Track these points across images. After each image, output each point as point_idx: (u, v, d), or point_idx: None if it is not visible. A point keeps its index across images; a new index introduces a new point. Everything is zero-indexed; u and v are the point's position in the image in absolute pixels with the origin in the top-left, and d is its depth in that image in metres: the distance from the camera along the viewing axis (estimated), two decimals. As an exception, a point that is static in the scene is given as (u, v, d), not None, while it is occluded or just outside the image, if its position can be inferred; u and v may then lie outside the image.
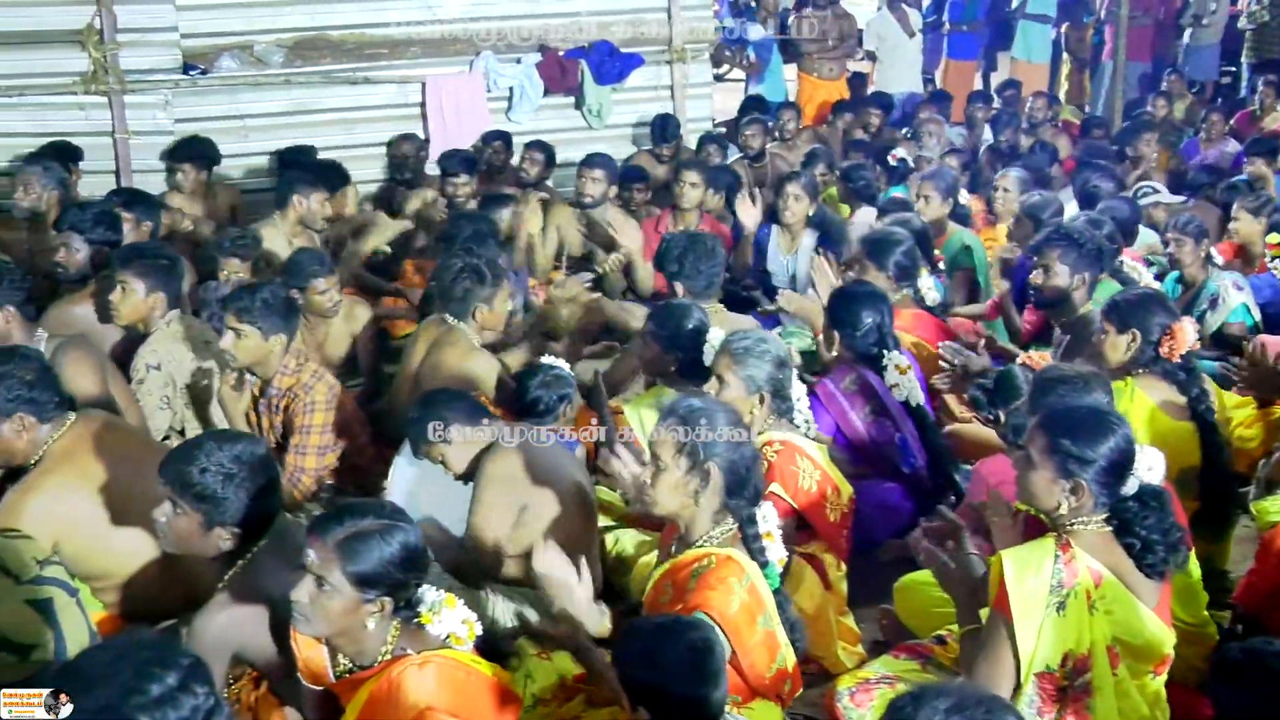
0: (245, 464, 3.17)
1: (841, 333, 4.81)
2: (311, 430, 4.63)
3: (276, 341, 4.58)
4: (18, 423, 3.66)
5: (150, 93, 8.13)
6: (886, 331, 4.80)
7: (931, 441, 4.73)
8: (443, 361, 4.88)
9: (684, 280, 5.35)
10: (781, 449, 4.02)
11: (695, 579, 3.15)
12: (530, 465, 3.90)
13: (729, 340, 4.14)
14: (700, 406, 3.26)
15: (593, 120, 9.19)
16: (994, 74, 14.27)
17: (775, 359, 4.08)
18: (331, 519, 2.82)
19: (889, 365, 4.73)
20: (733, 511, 3.25)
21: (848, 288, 5.07)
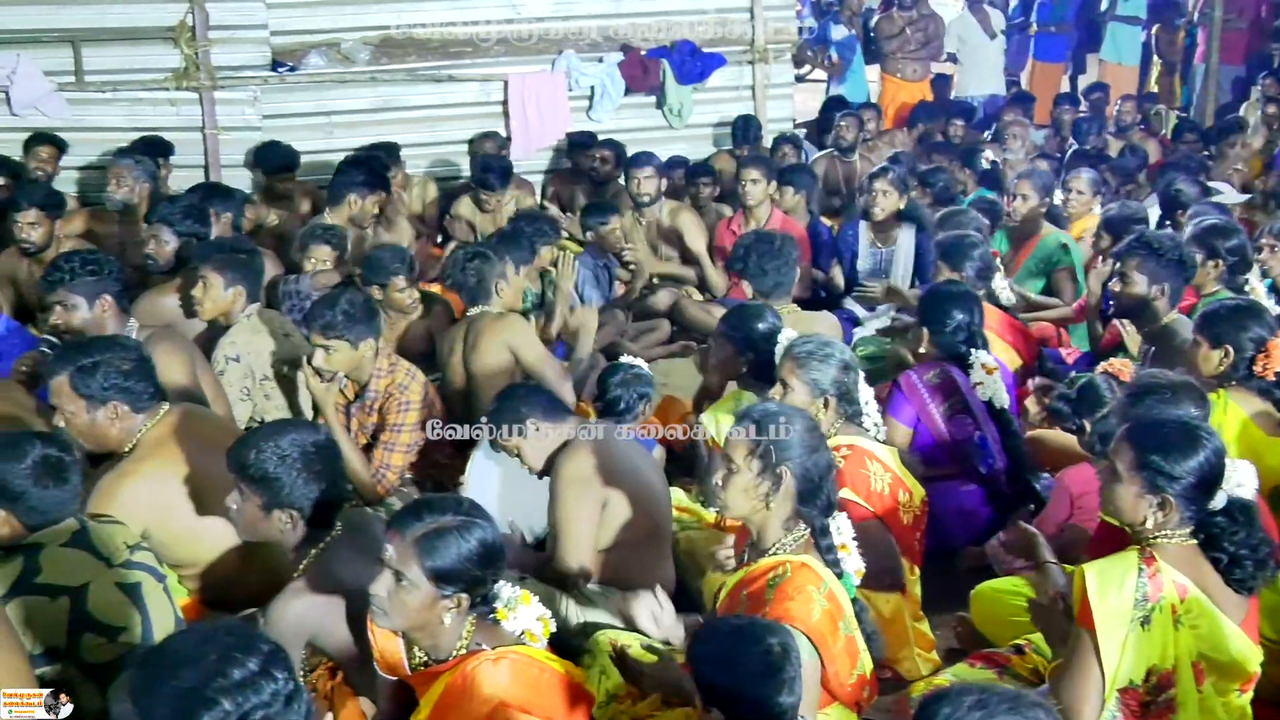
0: (300, 448, 3.23)
1: (930, 330, 4.79)
2: (403, 428, 4.69)
3: (367, 347, 4.64)
4: (112, 411, 3.73)
5: (240, 89, 8.29)
6: (975, 331, 4.77)
7: (1012, 446, 4.67)
8: (481, 335, 4.98)
9: (750, 279, 5.34)
10: (850, 453, 3.99)
11: (772, 589, 3.12)
12: (607, 463, 3.90)
13: (793, 345, 4.12)
14: (775, 410, 3.24)
15: (673, 120, 9.19)
16: (1081, 76, 14.03)
17: (840, 363, 4.05)
18: (410, 515, 2.84)
19: (975, 364, 4.68)
20: (805, 519, 3.23)
21: (940, 286, 5.05)
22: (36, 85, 7.94)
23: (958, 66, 12.68)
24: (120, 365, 3.73)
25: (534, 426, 3.97)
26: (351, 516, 3.40)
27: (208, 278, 4.91)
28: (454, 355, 5.15)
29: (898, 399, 4.66)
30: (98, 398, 3.71)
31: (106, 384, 3.71)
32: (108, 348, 3.77)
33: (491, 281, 5.15)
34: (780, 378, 4.08)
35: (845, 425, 4.09)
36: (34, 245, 5.95)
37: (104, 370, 3.71)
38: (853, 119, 9.27)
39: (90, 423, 3.73)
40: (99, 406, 3.72)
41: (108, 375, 3.71)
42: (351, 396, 4.78)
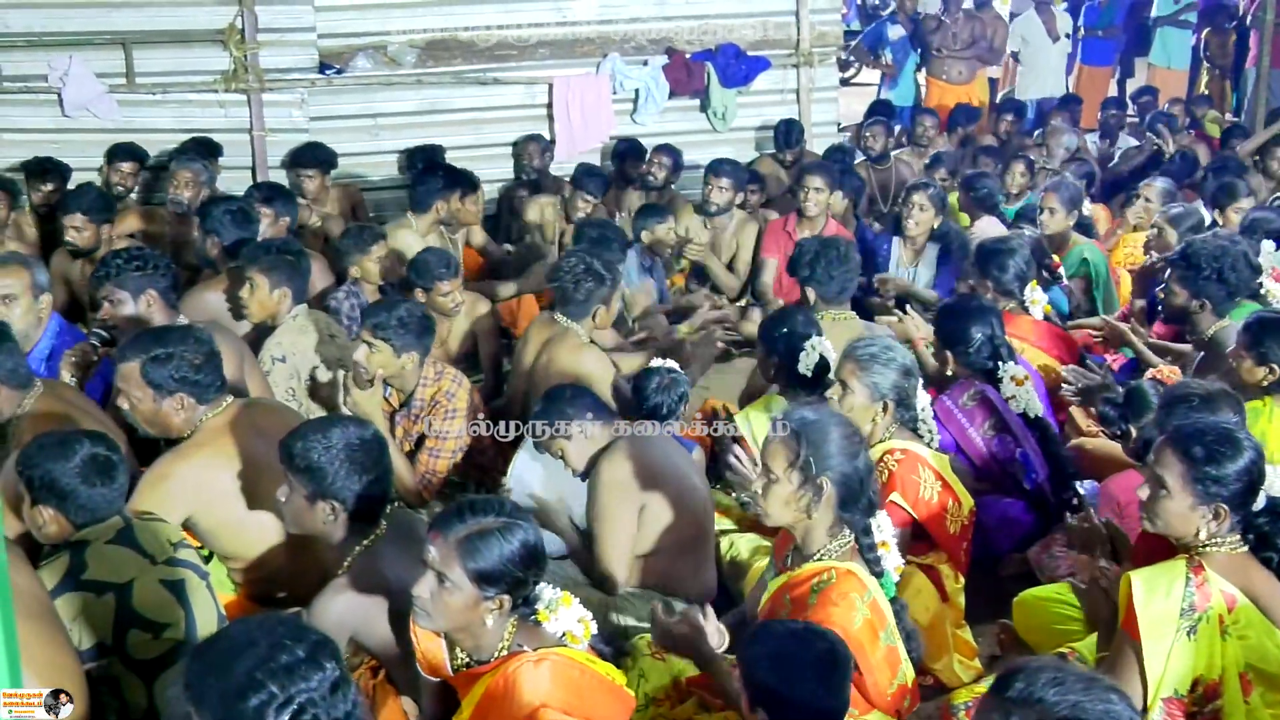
0: (346, 440, 3.27)
1: (954, 351, 4.75)
2: (449, 435, 4.72)
3: (409, 359, 4.65)
4: (178, 402, 3.78)
5: (287, 91, 8.33)
6: (999, 344, 4.73)
7: (1054, 454, 4.63)
8: (556, 359, 4.93)
9: (815, 285, 5.31)
10: (903, 458, 3.97)
11: (816, 595, 3.12)
12: (647, 466, 3.92)
13: (854, 346, 4.10)
14: (813, 419, 3.22)
15: (717, 123, 9.17)
16: (1130, 80, 13.89)
17: (901, 367, 4.03)
18: (453, 516, 2.85)
19: (1004, 377, 4.64)
20: (848, 524, 3.22)
21: (953, 304, 5.02)
22: (88, 86, 8.03)
23: (1019, 67, 12.54)
24: (192, 359, 3.79)
25: (578, 428, 3.99)
26: (397, 516, 3.42)
27: (254, 279, 4.94)
28: (524, 360, 5.16)
29: None
30: (166, 388, 3.76)
31: (177, 375, 3.76)
32: (182, 340, 3.82)
33: (594, 306, 5.07)
34: (840, 379, 4.07)
35: (900, 430, 4.08)
36: (80, 248, 6.02)
37: (176, 362, 3.76)
38: (881, 126, 9.21)
39: (155, 410, 3.79)
40: (166, 396, 3.77)
41: (179, 367, 3.76)
42: (396, 405, 4.80)
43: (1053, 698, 2.08)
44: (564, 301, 5.09)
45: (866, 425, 3.99)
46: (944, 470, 4.05)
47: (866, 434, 3.99)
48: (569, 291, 5.05)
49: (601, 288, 5.05)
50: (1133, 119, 11.26)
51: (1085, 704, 2.07)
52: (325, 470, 3.24)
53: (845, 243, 5.50)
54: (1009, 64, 13.01)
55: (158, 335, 3.87)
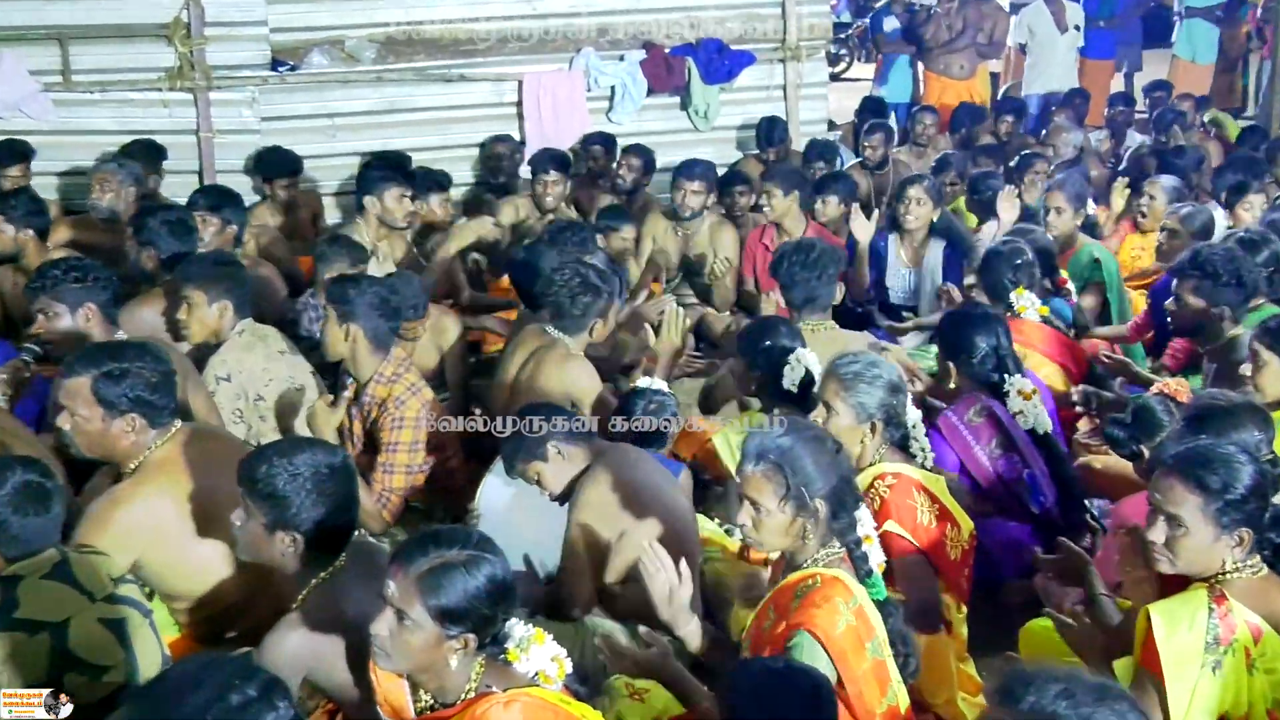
0: (313, 467, 3.24)
1: (956, 362, 4.76)
2: (398, 448, 4.69)
3: (347, 333, 4.66)
4: (128, 423, 3.73)
5: (237, 89, 8.31)
6: (1005, 354, 4.74)
7: (1062, 474, 4.63)
8: (542, 374, 4.92)
9: (783, 290, 5.33)
10: (896, 483, 3.96)
11: (799, 599, 3.15)
12: (630, 489, 3.92)
13: (837, 364, 4.09)
14: (789, 446, 3.22)
15: (699, 122, 9.19)
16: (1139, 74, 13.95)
17: (888, 384, 4.02)
18: (414, 548, 2.83)
19: (1011, 391, 4.65)
20: (839, 534, 3.25)
21: (955, 312, 5.05)
22: (21, 85, 7.98)
23: (1026, 60, 12.60)
24: (149, 377, 3.74)
25: (555, 449, 3.99)
26: (359, 546, 3.39)
27: (190, 296, 4.90)
28: (507, 373, 5.15)
29: (936, 443, 4.57)
30: (118, 407, 3.71)
31: (131, 394, 3.71)
32: (138, 355, 3.78)
33: (591, 320, 5.07)
34: (823, 400, 4.06)
35: (891, 451, 4.07)
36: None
37: (131, 379, 3.71)
38: (882, 134, 9.23)
39: (102, 432, 3.73)
40: (116, 417, 3.72)
41: (134, 385, 3.71)
42: (351, 395, 4.80)
43: (1065, 711, 2.08)
44: (559, 315, 5.08)
45: (854, 447, 3.98)
46: (940, 492, 4.04)
47: (855, 456, 3.99)
48: (565, 306, 5.04)
49: (599, 300, 5.05)
50: (1142, 115, 11.30)
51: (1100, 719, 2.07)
52: (289, 498, 3.21)
53: (821, 247, 5.46)
54: (1011, 57, 13.05)
55: (112, 350, 3.83)
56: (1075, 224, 6.83)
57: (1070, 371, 5.48)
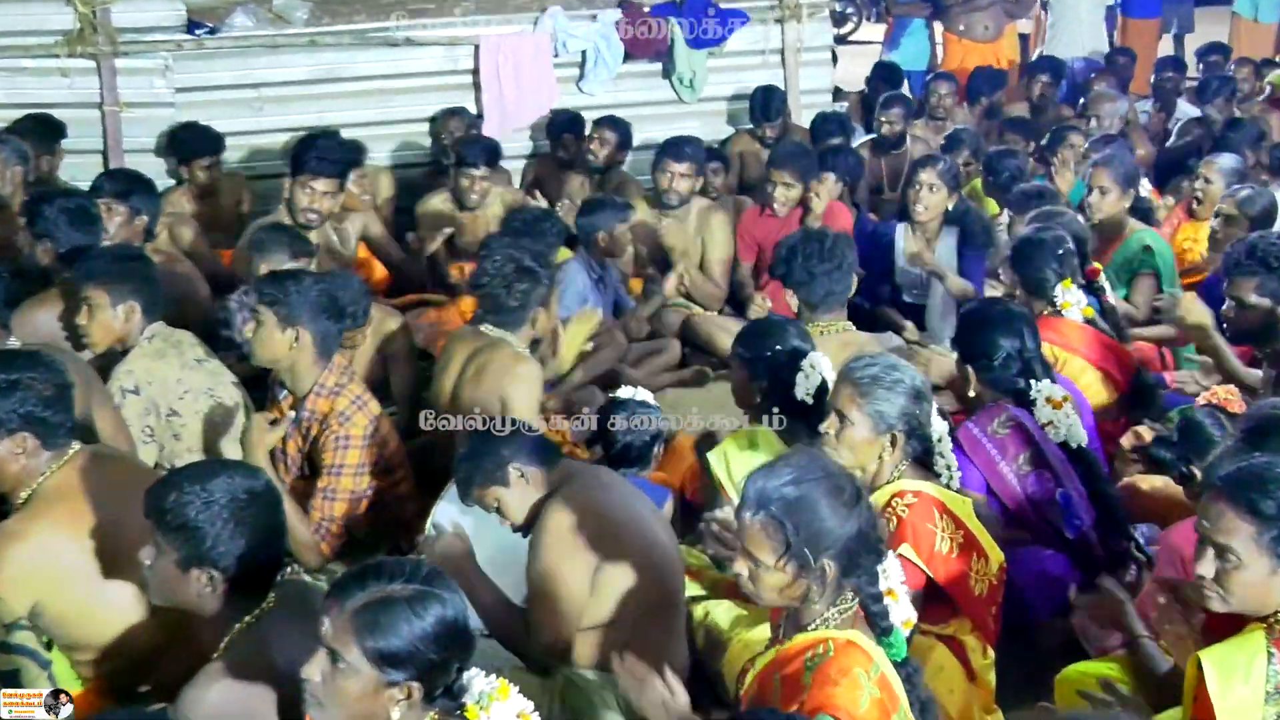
0: (231, 494, 3.24)
1: (975, 366, 4.77)
2: (343, 472, 4.69)
3: (294, 337, 4.66)
4: (19, 443, 3.73)
5: (147, 56, 8.28)
6: (1031, 357, 4.75)
7: (1102, 493, 4.65)
8: (486, 376, 4.97)
9: (795, 287, 5.34)
10: (915, 502, 3.98)
11: (811, 672, 3.11)
12: (603, 519, 3.92)
13: (853, 368, 4.11)
14: (795, 497, 3.14)
15: (684, 92, 9.20)
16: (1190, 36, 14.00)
17: (910, 390, 4.05)
18: (352, 581, 2.83)
19: (1038, 398, 4.66)
20: (854, 589, 3.22)
21: (975, 309, 5.05)
22: (-105, 53, 7.97)
23: (1048, 19, 12.63)
24: (42, 390, 3.74)
25: (517, 472, 4.00)
26: (290, 585, 3.39)
27: (91, 297, 4.89)
28: (449, 371, 5.16)
29: (958, 461, 4.59)
30: (6, 425, 3.71)
31: (21, 410, 3.71)
32: (30, 366, 3.77)
33: (531, 310, 5.15)
34: (836, 408, 4.08)
35: (911, 467, 4.10)
36: None
37: (22, 393, 3.71)
38: (900, 108, 9.24)
39: None
40: (4, 436, 3.72)
41: (25, 400, 3.71)
42: (288, 409, 4.79)
43: None
44: (494, 309, 5.12)
45: (871, 463, 4.01)
46: (966, 516, 4.06)
47: (871, 473, 4.02)
48: (500, 298, 5.09)
49: (537, 287, 5.12)
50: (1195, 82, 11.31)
51: None
52: (204, 530, 3.21)
53: (834, 235, 5.51)
54: (1043, 17, 13.10)
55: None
56: (1123, 206, 6.82)
57: (1114, 379, 5.48)
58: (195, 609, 3.32)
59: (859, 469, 4.00)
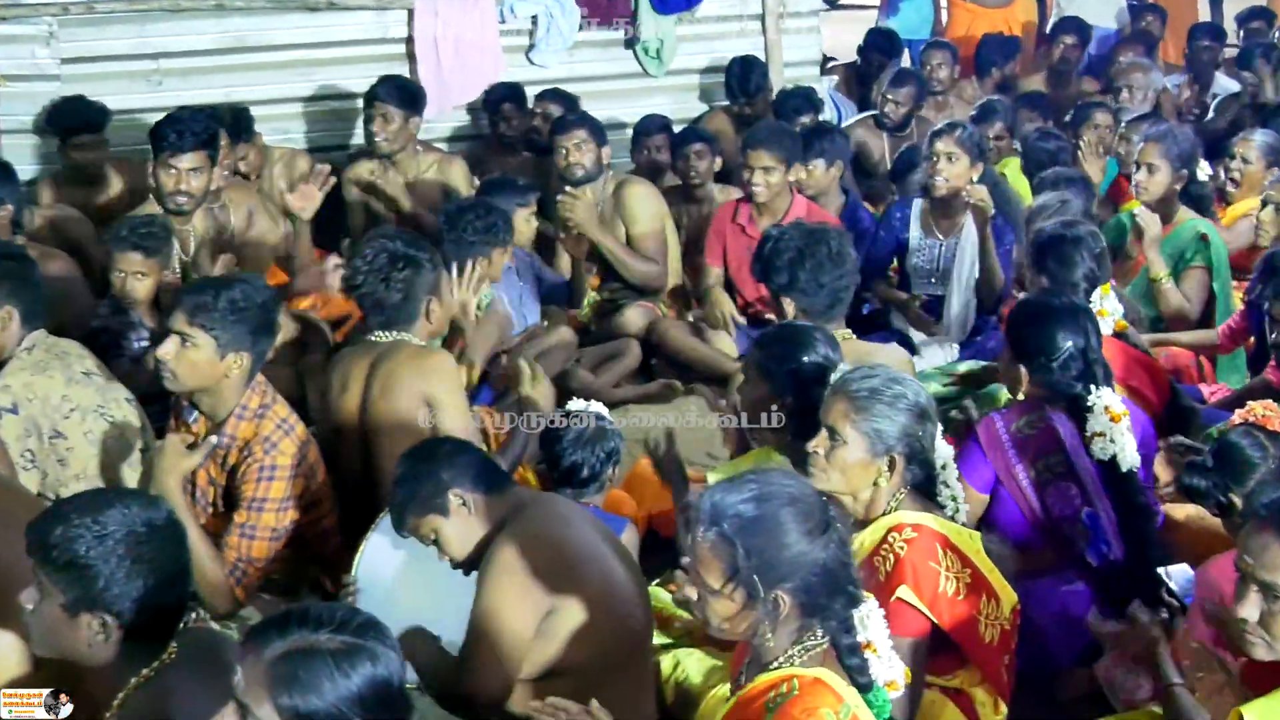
0: (130, 526, 3.22)
1: (1031, 366, 4.78)
2: (265, 507, 4.66)
3: (235, 364, 4.64)
4: None
5: (29, 22, 8.27)
6: (1095, 359, 4.76)
7: (1138, 527, 4.67)
8: (397, 381, 4.97)
9: (798, 297, 5.34)
10: (915, 537, 3.99)
11: (772, 714, 3.12)
12: (561, 554, 3.94)
13: (848, 379, 4.13)
14: (750, 515, 3.16)
15: (650, 64, 9.23)
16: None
17: (913, 408, 4.06)
18: (272, 627, 2.81)
19: (1096, 406, 4.65)
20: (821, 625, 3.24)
21: (1034, 300, 5.04)
22: None
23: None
24: None
25: (458, 499, 4.00)
26: (195, 634, 3.37)
27: None
28: (349, 395, 5.13)
29: (973, 454, 4.68)
30: None
31: None
32: None
33: (421, 300, 5.15)
34: (828, 424, 4.07)
35: (912, 496, 4.11)
36: None
37: None
38: (910, 86, 9.23)
39: None
40: None
41: None
42: (200, 435, 4.77)
43: None
44: (377, 309, 5.14)
45: (865, 489, 4.03)
46: (974, 553, 4.06)
47: (864, 501, 4.04)
48: (379, 294, 5.11)
49: (420, 273, 5.12)
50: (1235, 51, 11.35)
51: None
52: (95, 569, 3.19)
53: (836, 235, 5.54)
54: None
55: None
56: (1174, 189, 6.84)
57: (1148, 400, 5.49)
58: (85, 660, 3.30)
59: (850, 495, 4.02)
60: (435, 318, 5.21)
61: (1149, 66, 9.69)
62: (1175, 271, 6.68)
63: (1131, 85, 9.32)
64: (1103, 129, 8.14)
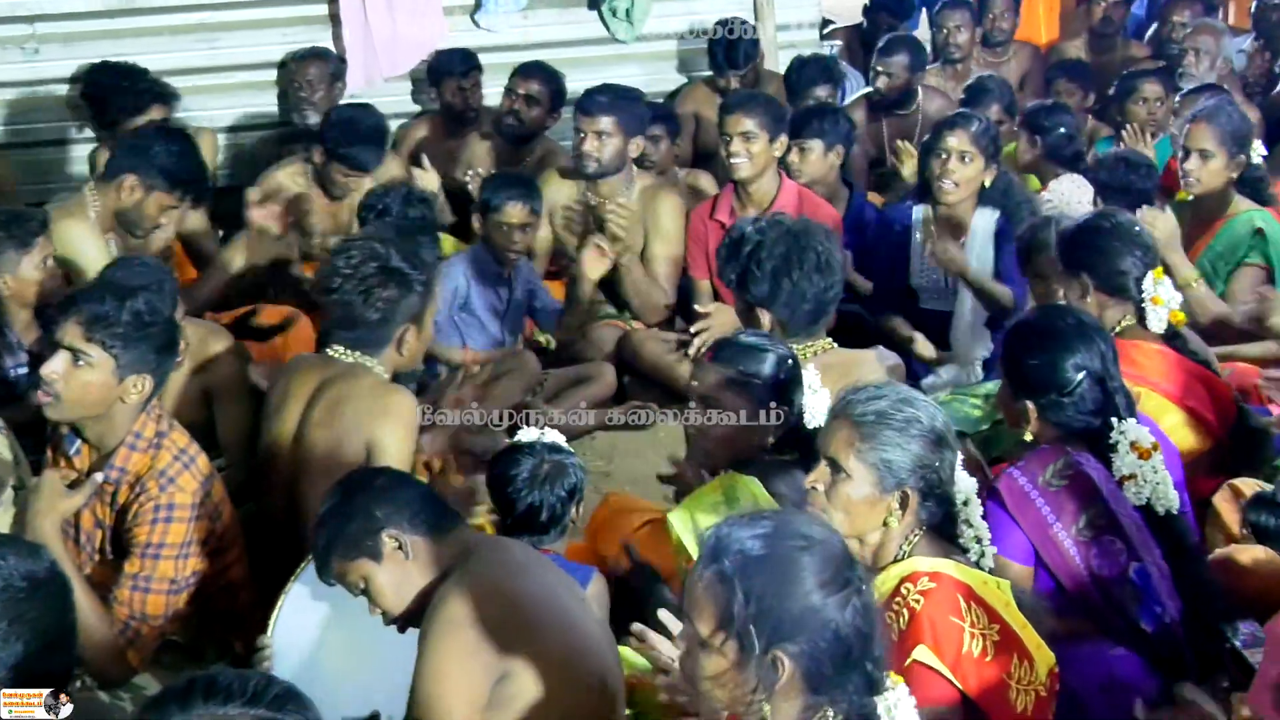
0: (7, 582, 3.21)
1: (1039, 402, 4.77)
2: (162, 554, 4.66)
3: (134, 388, 4.63)
4: None
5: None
6: (1115, 387, 4.75)
7: (1193, 577, 4.68)
8: (343, 414, 4.98)
9: (778, 309, 5.37)
10: (934, 588, 3.97)
11: None
12: (516, 608, 3.94)
13: (852, 400, 4.09)
14: (758, 555, 3.14)
15: (618, 28, 9.27)
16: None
17: (927, 433, 4.04)
18: (171, 702, 2.80)
19: (1120, 443, 4.67)
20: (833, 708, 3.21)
21: (1035, 322, 5.04)
22: None
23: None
24: None
25: (393, 542, 4.00)
26: (80, 706, 3.36)
27: None
28: (285, 415, 5.14)
29: (1000, 521, 4.57)
30: None
31: None
32: None
33: (398, 326, 5.11)
34: (828, 455, 4.05)
35: (929, 539, 4.11)
36: None
37: None
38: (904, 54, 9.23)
39: None
40: None
41: None
42: (84, 469, 4.76)
43: None
44: (348, 323, 5.12)
45: (873, 531, 4.03)
46: (1002, 606, 4.05)
47: (872, 545, 4.04)
48: (355, 307, 5.08)
49: (408, 295, 5.10)
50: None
51: None
52: None
53: (826, 237, 5.53)
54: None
55: None
56: (1229, 177, 6.88)
57: (1206, 422, 5.52)
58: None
59: (855, 539, 4.00)
60: (408, 349, 5.19)
61: (1221, 30, 9.69)
62: (1229, 270, 6.77)
63: (1198, 49, 9.31)
64: (1152, 103, 8.16)
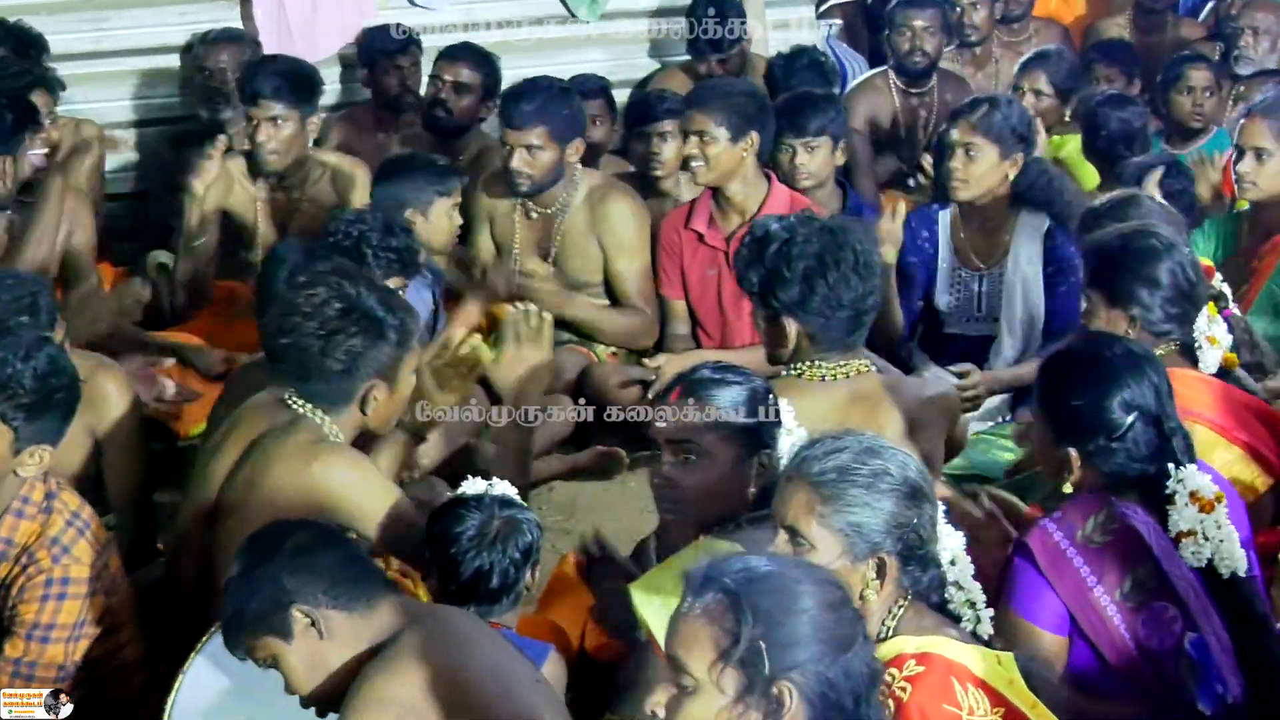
0: None
1: (1083, 449, 4.76)
2: (52, 636, 4.61)
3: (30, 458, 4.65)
4: None
5: None
6: (1172, 429, 4.69)
7: (1260, 648, 4.70)
8: (278, 473, 4.91)
9: (809, 318, 5.33)
10: (922, 671, 3.95)
11: None
12: (458, 690, 3.97)
13: (808, 457, 4.05)
14: (764, 573, 3.23)
15: (578, 6, 9.34)
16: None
17: (899, 486, 4.00)
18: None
19: (1178, 495, 4.63)
20: None
21: (1077, 352, 5.02)
22: None
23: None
24: None
25: (304, 619, 4.03)
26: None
27: None
28: (219, 460, 5.11)
29: (1031, 582, 4.58)
30: None
31: None
32: None
33: (364, 382, 4.98)
34: (785, 523, 4.01)
35: (916, 610, 4.12)
36: None
37: None
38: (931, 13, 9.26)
39: None
40: None
41: None
42: None
43: None
44: (301, 373, 5.01)
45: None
46: (1006, 685, 3.99)
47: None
48: (311, 359, 4.95)
49: (379, 344, 4.98)
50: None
51: None
52: None
53: (863, 236, 5.49)
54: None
55: None
56: None
57: (1264, 460, 5.55)
58: None
59: None
60: (376, 411, 5.04)
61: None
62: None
63: (1256, 27, 9.34)
64: (1199, 93, 8.22)
